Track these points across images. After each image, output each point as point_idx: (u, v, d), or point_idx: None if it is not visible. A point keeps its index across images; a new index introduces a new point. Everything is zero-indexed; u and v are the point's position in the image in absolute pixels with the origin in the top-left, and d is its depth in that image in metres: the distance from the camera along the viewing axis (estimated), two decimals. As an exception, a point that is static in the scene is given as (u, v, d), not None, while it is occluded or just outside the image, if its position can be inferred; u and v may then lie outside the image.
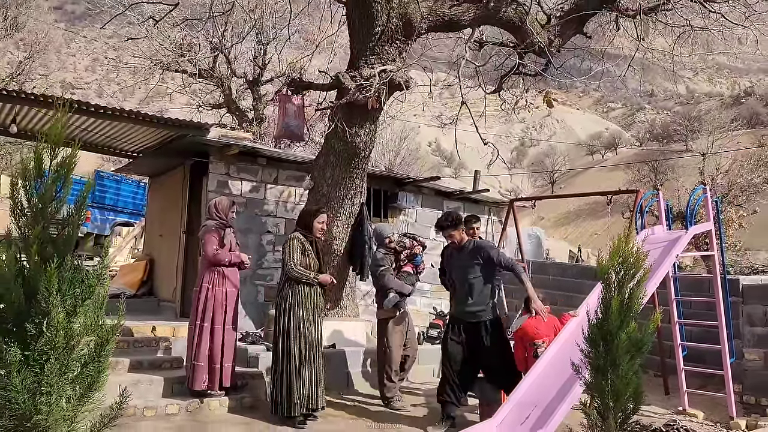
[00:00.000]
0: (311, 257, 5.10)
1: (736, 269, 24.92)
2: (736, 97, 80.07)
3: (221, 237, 5.29)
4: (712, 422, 5.74)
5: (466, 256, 5.15)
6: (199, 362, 5.05)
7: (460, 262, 5.19)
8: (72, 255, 1.73)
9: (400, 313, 5.91)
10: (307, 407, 4.81)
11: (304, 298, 4.95)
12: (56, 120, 1.72)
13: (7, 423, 1.61)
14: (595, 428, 2.90)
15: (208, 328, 5.11)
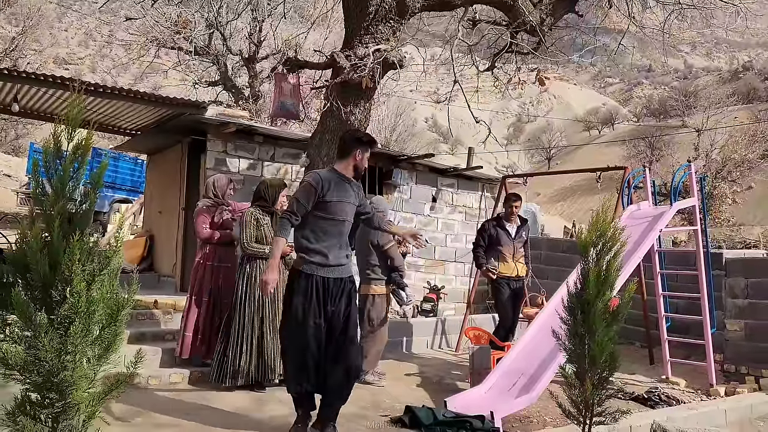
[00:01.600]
0: (268, 230, 5.10)
1: (728, 244, 25.26)
2: (734, 72, 79.76)
3: (212, 215, 5.46)
4: (693, 390, 5.98)
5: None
6: (187, 333, 5.25)
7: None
8: (89, 229, 1.90)
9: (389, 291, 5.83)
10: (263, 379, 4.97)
11: (262, 272, 5.00)
12: (73, 104, 1.87)
13: (37, 378, 1.80)
14: (574, 390, 3.11)
15: (197, 300, 5.31)
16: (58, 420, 1.88)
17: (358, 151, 3.94)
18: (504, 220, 6.50)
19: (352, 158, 3.94)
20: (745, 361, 6.25)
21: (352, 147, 3.95)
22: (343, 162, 3.97)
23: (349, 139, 4.03)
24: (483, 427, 4.04)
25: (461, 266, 10.25)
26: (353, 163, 3.95)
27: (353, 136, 4.08)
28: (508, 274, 6.29)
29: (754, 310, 6.20)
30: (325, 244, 3.76)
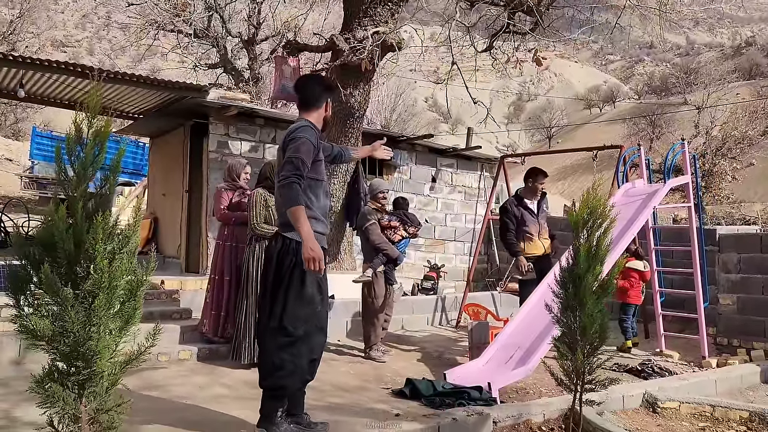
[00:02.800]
0: (274, 211, 5.14)
1: (728, 221, 25.41)
2: (736, 48, 79.12)
3: (230, 198, 5.61)
4: (686, 362, 6.16)
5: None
6: (213, 311, 5.45)
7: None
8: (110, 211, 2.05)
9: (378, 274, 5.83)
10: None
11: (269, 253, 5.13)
12: (93, 92, 2.00)
13: (64, 348, 1.96)
14: (565, 359, 3.27)
15: (218, 280, 5.48)
16: (84, 387, 2.04)
17: (328, 100, 3.50)
18: (525, 198, 6.16)
19: (323, 109, 3.47)
20: (737, 334, 6.42)
21: (322, 96, 3.46)
22: (314, 113, 3.43)
23: (318, 87, 3.49)
24: (481, 397, 4.21)
25: (461, 245, 10.42)
26: (324, 115, 3.49)
27: (322, 83, 3.59)
28: (536, 253, 5.99)
29: (746, 284, 6.35)
30: (319, 211, 3.34)
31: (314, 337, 3.33)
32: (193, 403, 4.03)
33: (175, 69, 18.02)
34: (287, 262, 3.23)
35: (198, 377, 4.79)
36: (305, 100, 3.46)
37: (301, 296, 3.22)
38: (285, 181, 3.12)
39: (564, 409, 4.03)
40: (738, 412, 4.47)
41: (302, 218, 3.10)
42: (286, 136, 3.29)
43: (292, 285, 3.21)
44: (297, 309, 3.22)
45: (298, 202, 3.11)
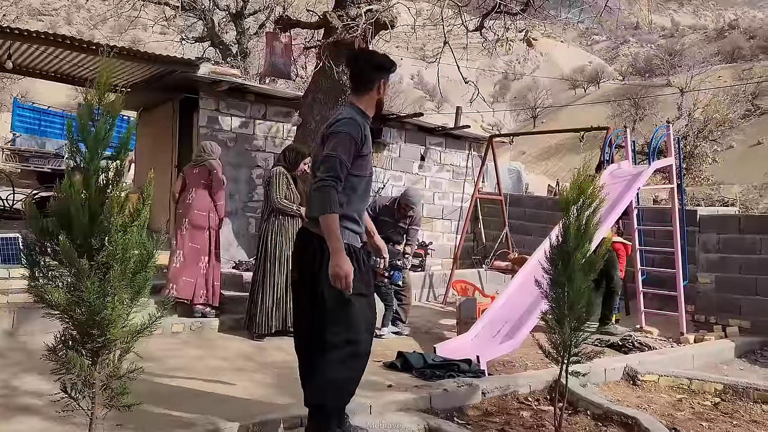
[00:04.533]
0: (293, 191, 5.46)
1: (707, 202, 25.86)
2: (719, 31, 79.53)
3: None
4: (665, 338, 6.37)
5: None
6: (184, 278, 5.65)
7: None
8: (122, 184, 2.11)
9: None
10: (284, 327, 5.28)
11: (286, 229, 5.36)
12: (104, 69, 2.04)
13: (80, 317, 2.03)
14: (553, 333, 3.41)
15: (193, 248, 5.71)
16: (98, 354, 2.12)
17: (381, 81, 3.01)
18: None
19: (376, 91, 3.01)
20: (714, 311, 6.64)
21: (375, 76, 2.99)
22: (365, 97, 2.99)
23: (370, 67, 3.01)
24: (470, 370, 4.37)
25: (448, 223, 10.55)
26: (377, 98, 3.03)
27: (375, 62, 3.04)
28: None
29: (724, 264, 6.56)
30: (356, 207, 2.96)
31: (366, 344, 2.97)
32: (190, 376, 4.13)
33: (159, 42, 17.75)
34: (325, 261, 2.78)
35: (193, 348, 4.89)
36: (355, 81, 3.04)
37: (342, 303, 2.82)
38: (320, 183, 2.73)
39: (549, 381, 4.20)
40: (713, 384, 4.68)
41: (333, 229, 2.71)
42: (327, 126, 2.93)
43: (322, 287, 2.80)
44: (341, 318, 2.86)
45: (331, 209, 2.70)
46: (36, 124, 16.72)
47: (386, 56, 3.14)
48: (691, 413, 4.20)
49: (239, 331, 5.61)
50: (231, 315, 5.87)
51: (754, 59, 53.95)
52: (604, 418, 3.78)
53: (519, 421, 3.70)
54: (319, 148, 2.98)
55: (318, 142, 3.03)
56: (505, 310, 5.33)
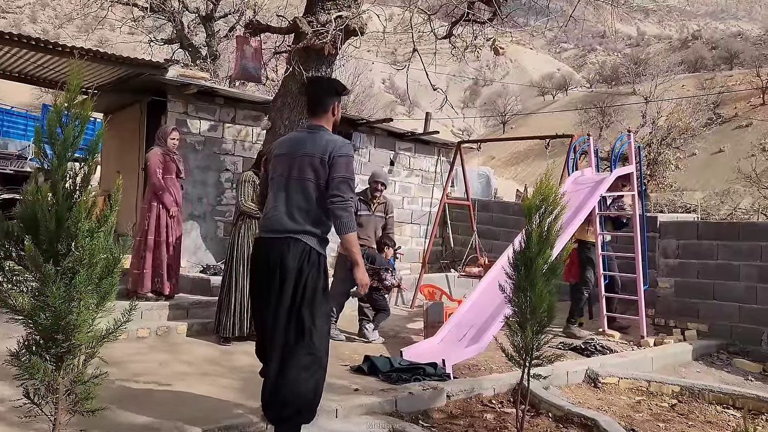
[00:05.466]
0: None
1: (670, 208, 26.52)
2: (684, 41, 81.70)
3: (162, 161, 5.92)
4: (626, 341, 6.54)
5: None
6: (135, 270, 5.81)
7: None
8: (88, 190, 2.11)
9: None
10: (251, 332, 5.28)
11: (254, 231, 5.38)
12: (74, 74, 2.05)
13: (45, 322, 2.03)
14: (516, 336, 3.50)
15: (141, 241, 5.84)
16: (62, 359, 2.12)
17: (335, 103, 3.32)
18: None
19: (331, 113, 3.31)
20: (674, 315, 6.84)
21: (329, 100, 3.29)
22: (323, 118, 3.29)
23: (320, 91, 3.37)
24: (435, 373, 4.44)
25: (417, 228, 10.64)
26: (332, 120, 3.34)
27: (330, 87, 3.40)
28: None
29: (683, 269, 6.77)
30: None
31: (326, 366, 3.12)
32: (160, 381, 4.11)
33: (126, 43, 17.48)
34: (310, 272, 3.02)
35: (158, 353, 4.86)
36: (313, 105, 3.34)
37: (323, 310, 3.09)
38: (343, 204, 3.03)
39: (513, 383, 4.29)
40: (670, 386, 4.84)
41: (356, 245, 3.11)
42: (332, 146, 3.11)
43: (317, 298, 3.03)
44: (322, 324, 3.07)
45: (353, 228, 3.08)
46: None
47: (338, 82, 3.53)
48: (649, 414, 4.34)
49: (206, 335, 5.60)
50: (198, 319, 5.85)
51: (716, 69, 55.61)
52: (564, 419, 3.88)
53: (482, 424, 3.78)
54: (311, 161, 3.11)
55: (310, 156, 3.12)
56: (471, 314, 5.42)
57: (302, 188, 3.11)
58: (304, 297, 3.00)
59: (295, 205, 3.10)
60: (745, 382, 5.45)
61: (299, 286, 3.00)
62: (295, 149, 3.19)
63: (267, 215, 3.22)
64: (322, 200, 3.09)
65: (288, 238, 3.05)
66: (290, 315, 3.00)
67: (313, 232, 3.08)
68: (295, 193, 3.12)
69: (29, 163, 12.46)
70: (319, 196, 3.09)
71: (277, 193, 3.18)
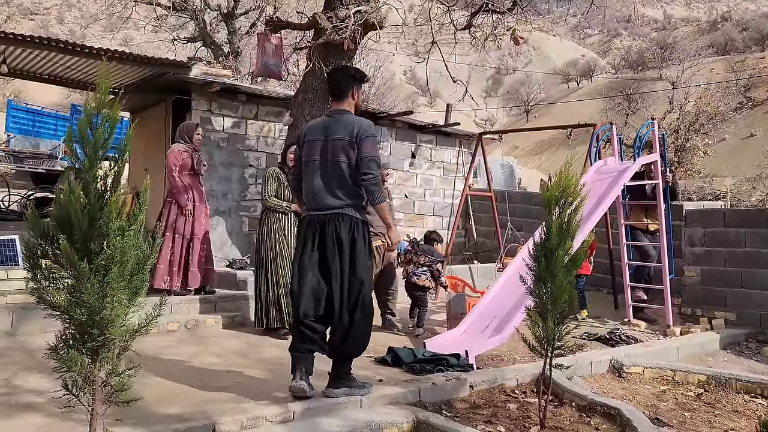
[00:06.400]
0: (287, 189, 5.55)
1: (699, 195, 26.06)
2: (712, 23, 79.77)
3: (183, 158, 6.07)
4: (652, 331, 6.51)
5: None
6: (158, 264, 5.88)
7: None
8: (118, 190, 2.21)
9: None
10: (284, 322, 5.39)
11: (281, 226, 5.49)
12: (102, 77, 2.14)
13: (81, 317, 2.13)
14: (537, 327, 3.53)
15: (167, 236, 5.98)
16: (98, 352, 2.22)
17: (354, 88, 3.74)
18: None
19: (351, 97, 3.74)
20: (700, 304, 6.78)
21: (349, 85, 3.73)
22: (345, 102, 3.73)
23: (341, 78, 3.79)
24: (459, 364, 4.48)
25: (439, 220, 10.67)
26: (353, 104, 3.77)
27: (348, 74, 3.84)
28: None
29: (709, 257, 6.69)
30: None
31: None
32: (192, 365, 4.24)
33: (150, 41, 17.72)
34: (360, 240, 3.62)
35: (188, 346, 5.00)
36: (334, 91, 3.78)
37: (369, 271, 3.74)
38: (375, 179, 3.58)
39: (536, 374, 4.31)
40: (696, 375, 4.81)
41: (387, 212, 3.78)
42: (357, 128, 3.58)
43: (365, 261, 3.65)
44: (369, 278, 3.75)
45: (383, 199, 3.70)
46: (30, 125, 16.72)
47: (358, 69, 3.99)
48: (674, 404, 4.33)
49: (234, 328, 5.73)
50: (226, 312, 5.99)
51: (746, 51, 54.21)
52: (588, 409, 3.90)
53: (505, 413, 3.82)
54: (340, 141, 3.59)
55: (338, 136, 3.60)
56: (493, 305, 5.45)
57: (338, 168, 3.59)
58: (358, 260, 3.61)
59: (335, 184, 3.60)
60: (774, 371, 5.39)
61: (355, 252, 3.60)
62: (326, 134, 3.65)
63: (312, 195, 3.68)
64: (354, 177, 3.59)
65: (336, 214, 3.60)
66: (352, 276, 3.59)
67: (355, 205, 3.64)
68: (332, 174, 3.61)
69: (60, 162, 12.79)
70: (351, 173, 3.59)
71: (318, 175, 3.65)
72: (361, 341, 3.72)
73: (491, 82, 74.23)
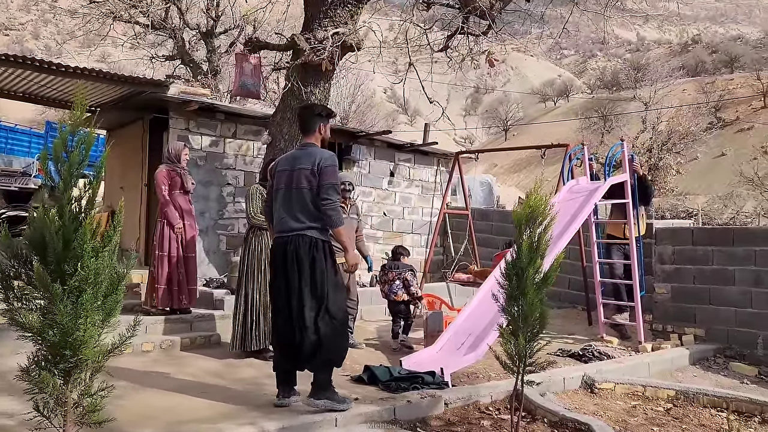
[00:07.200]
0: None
1: (672, 213, 26.56)
2: (684, 45, 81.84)
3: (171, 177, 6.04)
4: (624, 347, 6.62)
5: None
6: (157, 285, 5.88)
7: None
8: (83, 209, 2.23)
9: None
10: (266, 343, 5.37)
11: (266, 243, 5.47)
12: (78, 101, 2.17)
13: (54, 338, 2.14)
14: (509, 344, 3.59)
15: (160, 256, 5.91)
16: (70, 373, 2.23)
17: (320, 125, 4.10)
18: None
19: (318, 132, 4.11)
20: (671, 320, 6.91)
21: (316, 121, 4.10)
22: (311, 136, 4.11)
23: (308, 115, 4.18)
24: (434, 381, 4.53)
25: (418, 237, 10.75)
26: (320, 138, 4.13)
27: (314, 111, 4.23)
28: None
29: (679, 274, 6.85)
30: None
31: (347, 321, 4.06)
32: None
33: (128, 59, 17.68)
34: (319, 258, 3.86)
35: (161, 368, 4.96)
36: (303, 127, 4.20)
37: (336, 285, 3.95)
38: (333, 205, 3.87)
39: (510, 390, 4.35)
40: (666, 391, 4.92)
41: (344, 235, 4.02)
42: (319, 159, 3.92)
43: (328, 277, 3.87)
44: (337, 296, 3.92)
45: (341, 222, 3.96)
46: (2, 142, 16.55)
47: (324, 106, 4.51)
48: (644, 418, 4.42)
49: (209, 348, 5.70)
50: (201, 332, 5.96)
51: (716, 73, 55.68)
52: (559, 425, 3.96)
53: (479, 430, 3.87)
54: (304, 173, 3.91)
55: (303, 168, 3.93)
56: (469, 323, 5.51)
57: (300, 195, 3.92)
58: (318, 276, 3.84)
59: (298, 209, 3.92)
60: (741, 386, 5.53)
61: (315, 269, 3.84)
62: (292, 164, 4.02)
63: (279, 220, 4.02)
64: (315, 202, 3.90)
65: (297, 235, 3.89)
66: (313, 291, 3.82)
67: (315, 227, 3.91)
68: (296, 200, 3.94)
69: (33, 179, 12.65)
70: (312, 199, 3.91)
71: (284, 201, 3.99)
72: (332, 352, 3.86)
73: (470, 100, 75.09)
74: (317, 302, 3.83)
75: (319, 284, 3.83)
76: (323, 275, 3.85)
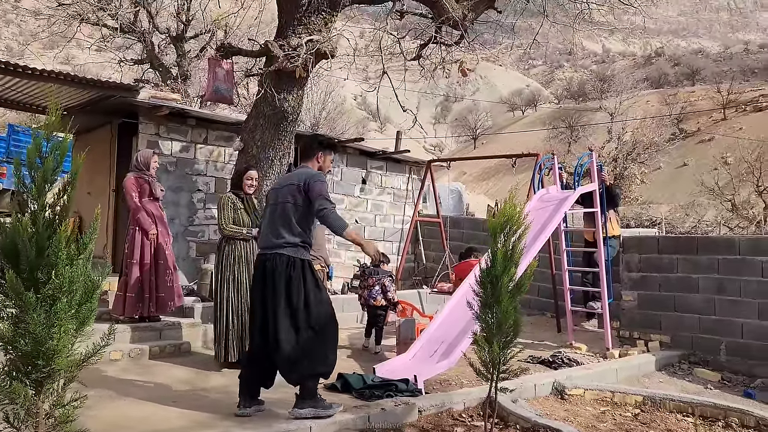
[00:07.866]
0: (244, 214, 5.45)
1: (637, 221, 27.17)
2: (647, 57, 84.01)
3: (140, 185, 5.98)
4: (592, 353, 6.73)
5: None
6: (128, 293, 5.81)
7: None
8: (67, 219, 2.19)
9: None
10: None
11: (239, 252, 5.39)
12: (53, 105, 2.13)
13: (26, 348, 2.10)
14: (483, 351, 3.63)
15: (131, 263, 5.82)
16: (42, 383, 2.18)
17: (319, 153, 4.22)
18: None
19: (315, 160, 4.23)
20: (638, 327, 7.07)
21: (315, 149, 4.24)
22: (309, 162, 4.24)
23: (310, 142, 4.38)
24: (407, 389, 4.54)
25: (389, 245, 10.77)
26: (317, 165, 4.23)
27: (314, 139, 4.48)
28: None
29: (645, 282, 7.01)
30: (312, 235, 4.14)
31: (335, 334, 4.03)
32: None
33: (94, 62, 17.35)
34: (296, 276, 3.88)
35: (131, 376, 4.87)
36: (303, 153, 4.32)
37: (319, 300, 3.93)
38: (326, 211, 3.87)
39: (483, 397, 4.40)
40: (633, 396, 5.02)
41: (353, 234, 3.98)
42: (307, 176, 4.01)
43: (307, 294, 3.88)
44: (320, 311, 3.91)
45: (345, 225, 3.90)
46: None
47: (329, 138, 4.62)
48: (613, 424, 4.50)
49: (179, 356, 5.62)
50: (171, 341, 5.87)
51: (678, 85, 57.31)
52: (532, 431, 4.01)
53: (453, 437, 3.89)
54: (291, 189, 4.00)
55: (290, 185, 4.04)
56: (441, 330, 5.54)
57: (283, 210, 3.98)
58: (294, 294, 3.86)
59: (279, 224, 3.97)
60: (705, 391, 5.68)
61: (290, 288, 3.86)
62: (283, 182, 4.21)
63: (263, 235, 4.14)
64: (297, 216, 3.95)
65: (275, 254, 3.92)
66: (288, 310, 3.84)
67: (293, 242, 3.93)
68: (279, 215, 4.00)
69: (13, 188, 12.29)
70: (294, 212, 3.95)
71: (270, 217, 4.09)
72: (307, 365, 3.86)
73: (440, 109, 75.70)
74: (294, 320, 3.85)
75: (295, 302, 3.85)
76: (299, 293, 3.87)
